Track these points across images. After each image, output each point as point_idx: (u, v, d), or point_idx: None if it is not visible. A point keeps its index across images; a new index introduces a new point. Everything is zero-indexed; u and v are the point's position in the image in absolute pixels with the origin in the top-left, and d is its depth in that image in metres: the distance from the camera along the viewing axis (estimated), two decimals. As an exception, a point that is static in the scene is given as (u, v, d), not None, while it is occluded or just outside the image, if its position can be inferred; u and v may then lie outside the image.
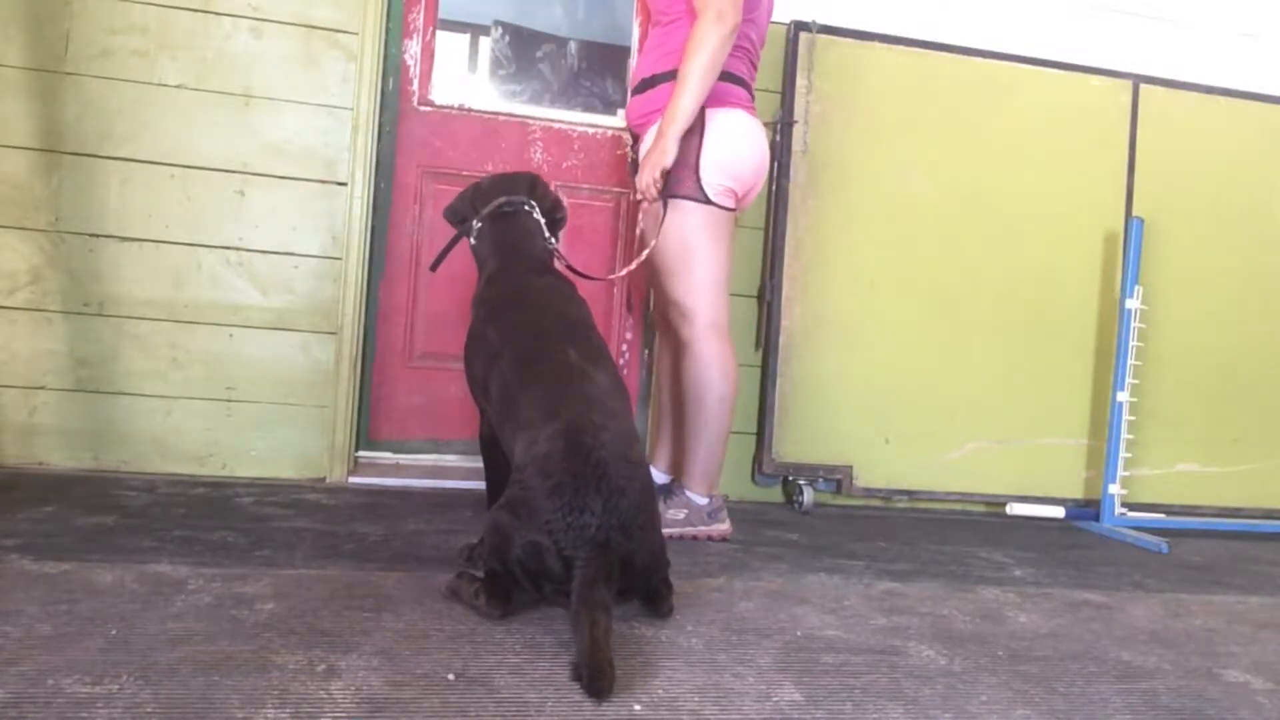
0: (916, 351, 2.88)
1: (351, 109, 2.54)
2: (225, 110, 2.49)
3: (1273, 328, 3.13)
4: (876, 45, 2.84)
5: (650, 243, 2.17)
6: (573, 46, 3.05)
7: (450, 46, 2.94)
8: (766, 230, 2.81)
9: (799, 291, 2.79)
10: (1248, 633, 1.79)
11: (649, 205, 2.19)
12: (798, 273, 2.79)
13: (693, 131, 2.11)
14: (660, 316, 2.40)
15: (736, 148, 2.16)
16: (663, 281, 2.18)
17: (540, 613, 1.52)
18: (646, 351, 2.96)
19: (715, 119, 2.14)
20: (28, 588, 1.47)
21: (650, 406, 2.90)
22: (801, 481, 2.74)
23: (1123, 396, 2.86)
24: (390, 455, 2.80)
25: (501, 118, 2.86)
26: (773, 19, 2.32)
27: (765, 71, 2.45)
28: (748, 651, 1.44)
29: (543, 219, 2.00)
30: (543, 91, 3.03)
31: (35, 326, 2.42)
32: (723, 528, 2.22)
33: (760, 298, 2.80)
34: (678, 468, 2.30)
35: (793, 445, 2.79)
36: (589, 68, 3.04)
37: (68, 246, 2.42)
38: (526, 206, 1.99)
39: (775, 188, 2.75)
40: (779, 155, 2.73)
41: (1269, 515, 3.06)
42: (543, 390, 1.59)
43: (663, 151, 2.06)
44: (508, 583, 1.48)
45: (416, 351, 2.82)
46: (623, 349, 2.38)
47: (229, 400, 2.51)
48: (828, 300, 2.82)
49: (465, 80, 3.00)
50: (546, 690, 1.22)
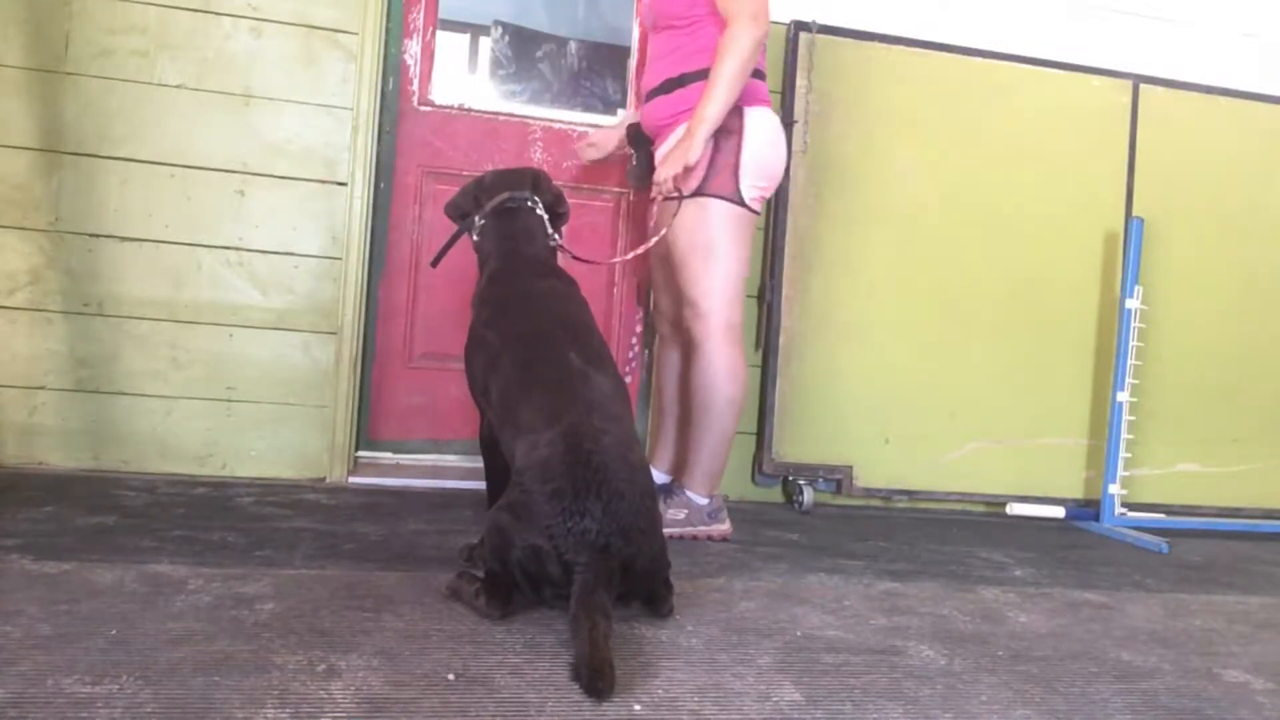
0: (917, 351, 2.88)
1: (351, 109, 2.54)
2: (225, 110, 2.48)
3: (1273, 328, 3.13)
4: (876, 45, 2.84)
5: (665, 238, 2.15)
6: (573, 46, 3.05)
7: (450, 46, 2.94)
8: (766, 230, 2.80)
9: (799, 291, 2.79)
10: (1248, 633, 1.79)
11: (664, 201, 2.17)
12: (798, 273, 2.79)
13: (731, 131, 2.10)
14: (666, 316, 2.39)
15: (774, 148, 2.17)
16: (681, 279, 2.16)
17: (540, 613, 1.52)
18: (647, 352, 2.96)
19: (752, 118, 2.13)
20: (28, 588, 1.47)
21: (650, 406, 2.90)
22: (801, 481, 2.74)
23: (1123, 396, 2.86)
24: (390, 455, 2.80)
25: (501, 118, 2.86)
26: (773, 19, 2.32)
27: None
28: (748, 651, 1.44)
29: (545, 215, 1.99)
30: (543, 91, 3.03)
31: (35, 326, 2.42)
32: (723, 528, 2.22)
33: (760, 298, 2.80)
34: (679, 468, 2.30)
35: (793, 445, 2.79)
36: (589, 68, 3.04)
37: (68, 246, 2.42)
38: (529, 202, 1.98)
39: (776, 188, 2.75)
40: (779, 155, 2.73)
41: (1269, 515, 3.06)
42: (543, 394, 1.59)
43: (690, 149, 2.03)
44: (508, 583, 1.48)
45: (416, 351, 2.82)
46: (632, 342, 2.37)
47: (229, 400, 2.51)
48: (828, 300, 2.82)
49: (465, 80, 3.00)
50: (546, 690, 1.22)
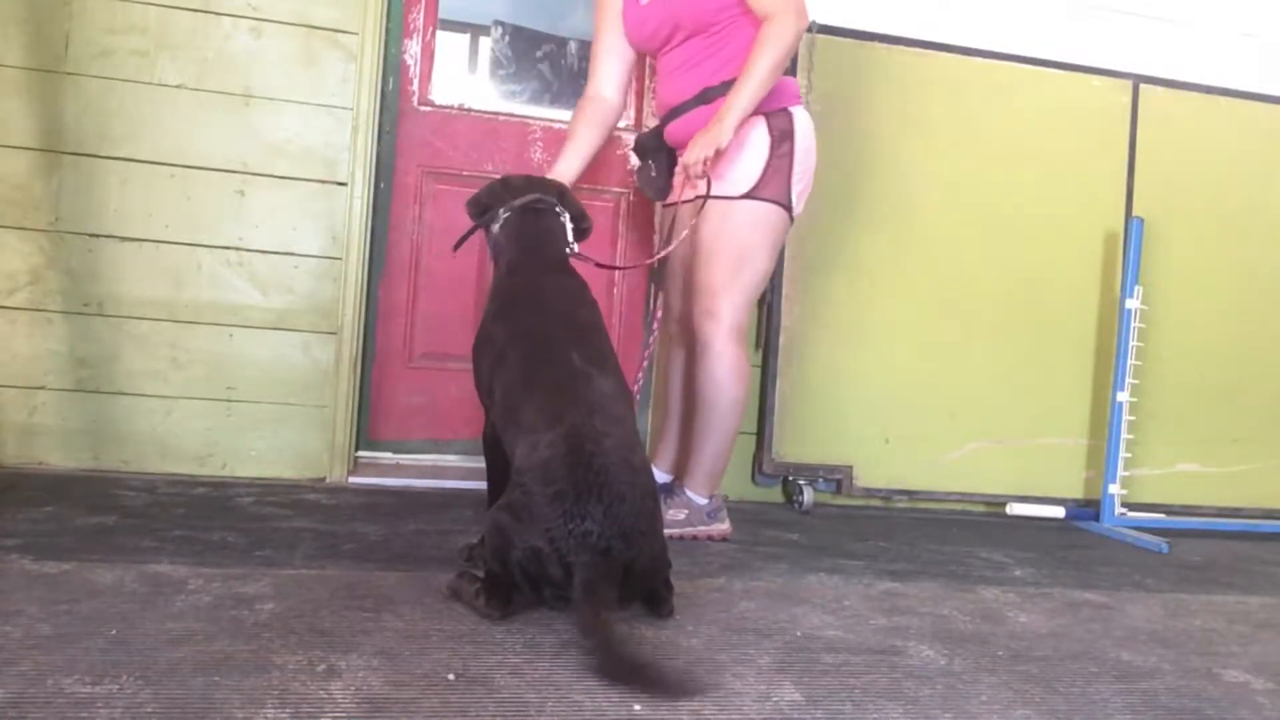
0: (917, 351, 2.88)
1: (351, 109, 2.54)
2: (225, 110, 2.48)
3: (1273, 328, 3.13)
4: (876, 45, 2.84)
5: (689, 237, 2.15)
6: (573, 46, 3.04)
7: (450, 46, 2.93)
8: (766, 230, 2.80)
9: (799, 291, 2.79)
10: (1248, 633, 1.79)
11: (685, 204, 2.17)
12: (798, 273, 2.79)
13: (786, 134, 2.10)
14: (675, 316, 2.38)
15: (814, 150, 2.17)
16: (705, 276, 2.13)
17: (540, 613, 1.52)
18: (646, 351, 2.96)
19: (800, 120, 2.14)
20: (28, 588, 1.47)
21: (651, 406, 2.90)
22: (801, 481, 2.74)
23: (1123, 396, 2.86)
24: (390, 455, 2.80)
25: (501, 118, 2.86)
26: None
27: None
28: (748, 651, 1.44)
29: (569, 224, 1.99)
30: (543, 91, 3.03)
31: (35, 326, 2.41)
32: (723, 528, 2.22)
33: (760, 298, 2.79)
34: (680, 468, 2.30)
35: (793, 445, 2.79)
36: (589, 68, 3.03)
37: (68, 246, 2.42)
38: (557, 209, 1.98)
39: (775, 188, 2.74)
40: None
41: (1269, 515, 3.06)
42: (546, 394, 1.59)
43: (721, 134, 2.00)
44: (508, 583, 1.48)
45: (416, 351, 2.82)
46: (648, 339, 2.36)
47: (229, 400, 2.51)
48: (828, 300, 2.82)
49: (465, 80, 3.00)
50: (546, 690, 1.22)
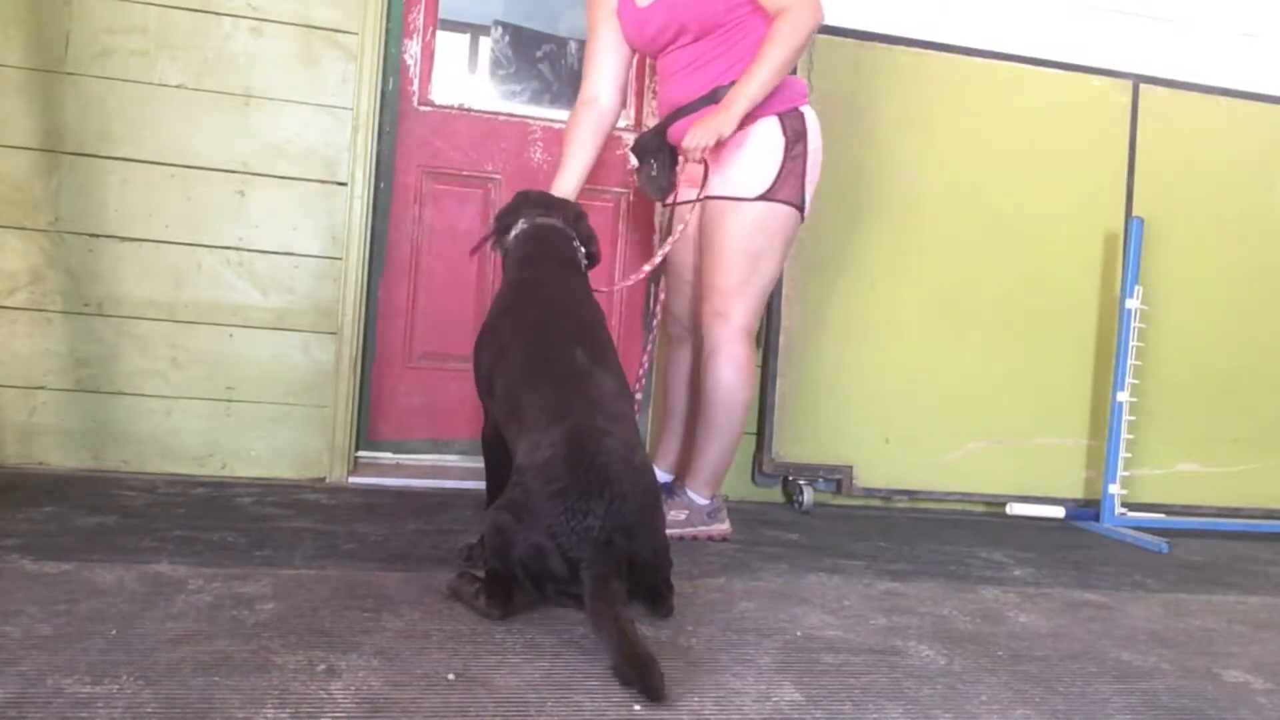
0: (917, 351, 2.88)
1: (351, 109, 2.54)
2: (225, 110, 2.48)
3: (1273, 328, 3.13)
4: (877, 45, 2.84)
5: (699, 240, 2.16)
6: (573, 46, 3.04)
7: (450, 46, 2.94)
8: (766, 230, 2.80)
9: (799, 291, 2.79)
10: (1248, 633, 1.79)
11: (685, 205, 2.19)
12: (798, 273, 2.79)
13: (800, 134, 2.10)
14: (677, 317, 2.37)
15: (822, 150, 2.17)
16: (717, 278, 2.12)
17: (540, 613, 1.52)
18: (647, 351, 2.96)
19: (811, 120, 2.14)
20: (28, 588, 1.47)
21: (652, 406, 2.90)
22: (801, 481, 2.74)
23: (1123, 396, 2.86)
24: (390, 455, 2.80)
25: (501, 118, 2.87)
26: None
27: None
28: (748, 651, 1.44)
29: (577, 238, 1.99)
30: (543, 91, 3.03)
31: (35, 326, 2.41)
32: (723, 528, 2.22)
33: (760, 298, 2.80)
34: (681, 468, 2.30)
35: (793, 445, 2.79)
36: (589, 68, 3.03)
37: (68, 246, 2.42)
38: (569, 231, 1.98)
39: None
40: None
41: (1269, 515, 3.06)
42: (548, 391, 1.59)
43: (726, 123, 1.99)
44: (508, 582, 1.48)
45: (416, 351, 2.82)
46: (648, 340, 2.36)
47: (229, 400, 2.51)
48: (828, 300, 2.82)
49: (465, 80, 3.00)
50: (546, 690, 1.22)
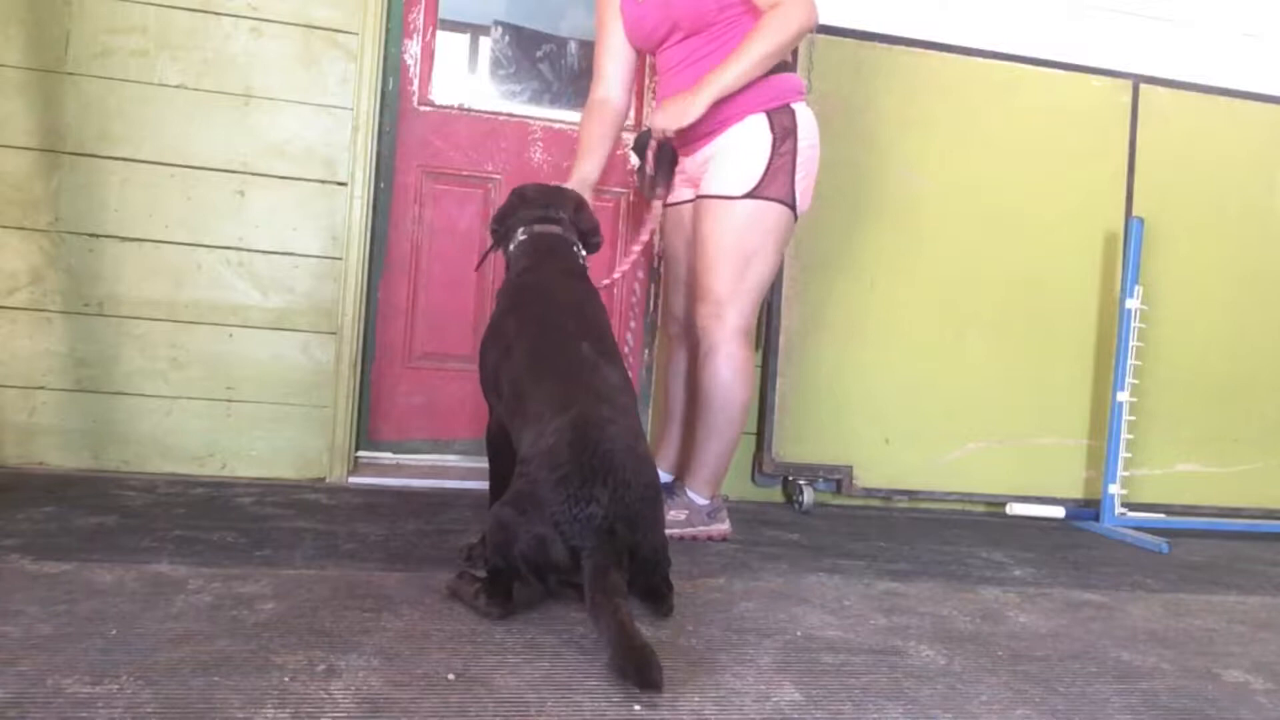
0: (917, 351, 2.88)
1: (351, 109, 2.54)
2: (225, 110, 2.48)
3: (1273, 328, 3.13)
4: (876, 45, 2.84)
5: (693, 240, 2.15)
6: (573, 46, 3.04)
7: (450, 46, 2.93)
8: (766, 230, 2.80)
9: (799, 291, 2.79)
10: (1248, 633, 1.79)
11: (681, 205, 2.20)
12: (798, 273, 2.79)
13: (789, 132, 2.08)
14: (676, 317, 2.38)
15: (818, 148, 2.16)
16: (710, 278, 2.12)
17: (540, 613, 1.52)
18: (647, 352, 2.96)
19: (802, 116, 2.11)
20: (28, 588, 1.47)
21: (651, 406, 2.90)
22: (801, 481, 2.74)
23: (1123, 396, 2.86)
24: (390, 455, 2.81)
25: (501, 118, 2.87)
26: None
27: (765, 71, 2.43)
28: (748, 651, 1.44)
29: (579, 245, 1.98)
30: (543, 91, 3.03)
31: (35, 326, 2.42)
32: (723, 528, 2.22)
33: (760, 298, 2.80)
34: (681, 468, 2.30)
35: (793, 445, 2.79)
36: (589, 68, 3.02)
37: (68, 246, 2.42)
38: (568, 237, 1.96)
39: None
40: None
41: (1269, 515, 3.06)
42: (554, 382, 1.60)
43: (691, 108, 1.99)
44: (509, 581, 1.48)
45: (416, 351, 2.82)
46: (631, 326, 2.37)
47: (229, 400, 2.51)
48: (828, 300, 2.82)
49: (465, 80, 3.00)
50: (546, 690, 1.22)
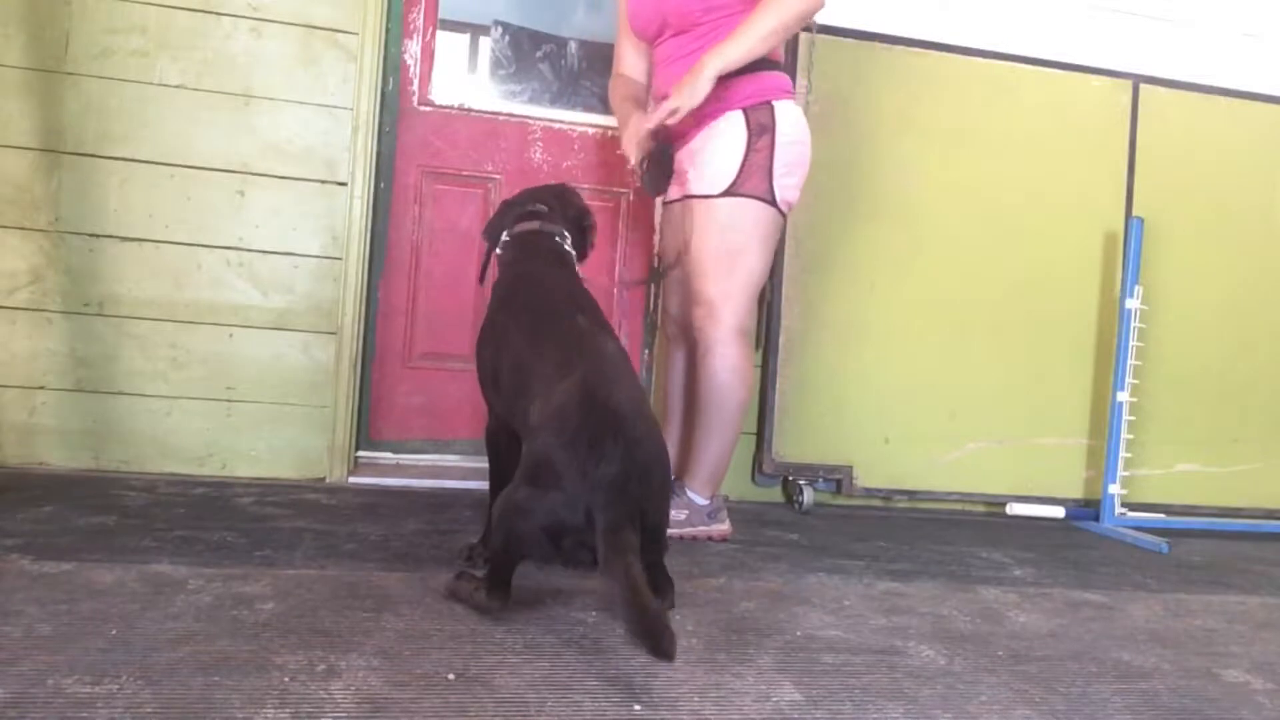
0: (916, 351, 2.88)
1: (351, 109, 2.54)
2: (225, 110, 2.48)
3: (1273, 328, 3.13)
4: (876, 45, 2.84)
5: (685, 239, 2.14)
6: (573, 46, 3.04)
7: (450, 46, 2.93)
8: (766, 230, 2.80)
9: (799, 291, 2.79)
10: (1248, 633, 1.79)
11: (675, 203, 2.19)
12: (798, 273, 2.79)
13: (766, 128, 2.07)
14: (674, 317, 2.38)
15: (804, 145, 2.14)
16: (700, 279, 2.12)
17: (540, 613, 1.52)
18: (646, 352, 2.96)
19: (783, 113, 2.09)
20: (28, 588, 1.47)
21: (651, 405, 2.89)
22: (801, 481, 2.74)
23: (1123, 396, 2.86)
24: (390, 455, 2.80)
25: (501, 118, 2.87)
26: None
27: (765, 71, 2.43)
28: (748, 651, 1.44)
29: (564, 232, 1.97)
30: (543, 91, 3.03)
31: (35, 326, 2.41)
32: (723, 528, 2.22)
33: (760, 298, 2.79)
34: (681, 468, 2.30)
35: (793, 445, 2.79)
36: (589, 68, 3.03)
37: (68, 246, 2.42)
38: (557, 236, 1.96)
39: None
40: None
41: (1269, 515, 3.06)
42: (555, 349, 1.62)
43: (695, 89, 1.97)
44: (509, 571, 1.49)
45: (416, 351, 2.82)
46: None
47: (229, 400, 2.51)
48: (828, 300, 2.82)
49: (465, 80, 3.00)
50: (546, 690, 1.22)
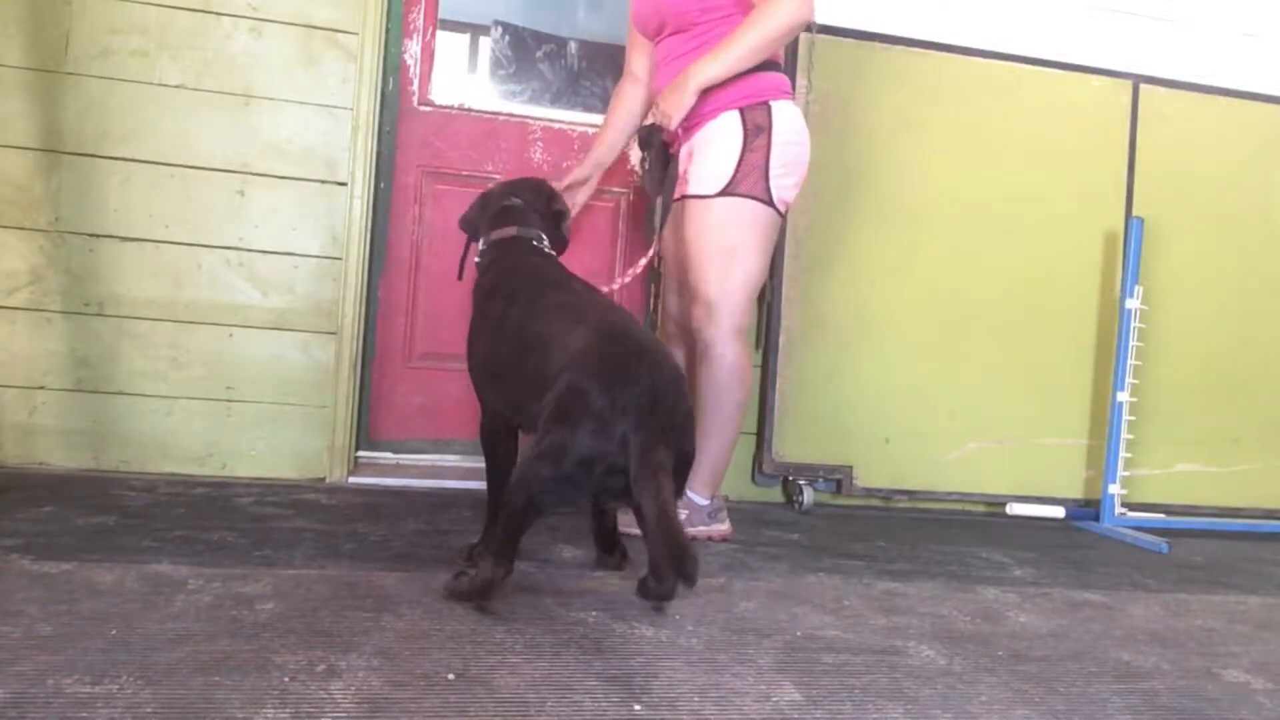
0: (917, 351, 2.88)
1: (351, 109, 2.54)
2: (225, 110, 2.48)
3: (1273, 328, 3.13)
4: (876, 45, 2.84)
5: (682, 238, 2.15)
6: (573, 46, 3.04)
7: (450, 46, 2.93)
8: (766, 230, 2.80)
9: (799, 291, 2.79)
10: (1248, 633, 1.79)
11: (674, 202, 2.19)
12: (798, 273, 2.79)
13: (762, 129, 2.07)
14: (673, 317, 2.38)
15: (801, 145, 2.15)
16: (697, 278, 2.13)
17: (540, 613, 1.52)
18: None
19: (779, 114, 2.10)
20: (28, 588, 1.47)
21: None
22: (801, 481, 2.74)
23: (1123, 396, 2.86)
24: (390, 455, 2.80)
25: (501, 118, 2.86)
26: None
27: (765, 71, 2.43)
28: (748, 651, 1.44)
29: (543, 229, 2.02)
30: (543, 91, 3.03)
31: (35, 326, 2.41)
32: (723, 528, 2.22)
33: (760, 298, 2.80)
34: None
35: (793, 445, 2.79)
36: (589, 68, 3.03)
37: (68, 246, 2.42)
38: (535, 240, 2.00)
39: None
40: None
41: (1269, 515, 3.06)
42: (562, 310, 1.65)
43: (681, 102, 2.01)
44: (520, 535, 1.50)
45: (416, 351, 2.82)
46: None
47: (229, 400, 2.51)
48: (828, 300, 2.82)
49: (465, 80, 3.00)
50: (546, 690, 1.22)
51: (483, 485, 1.90)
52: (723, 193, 2.08)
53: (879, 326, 2.86)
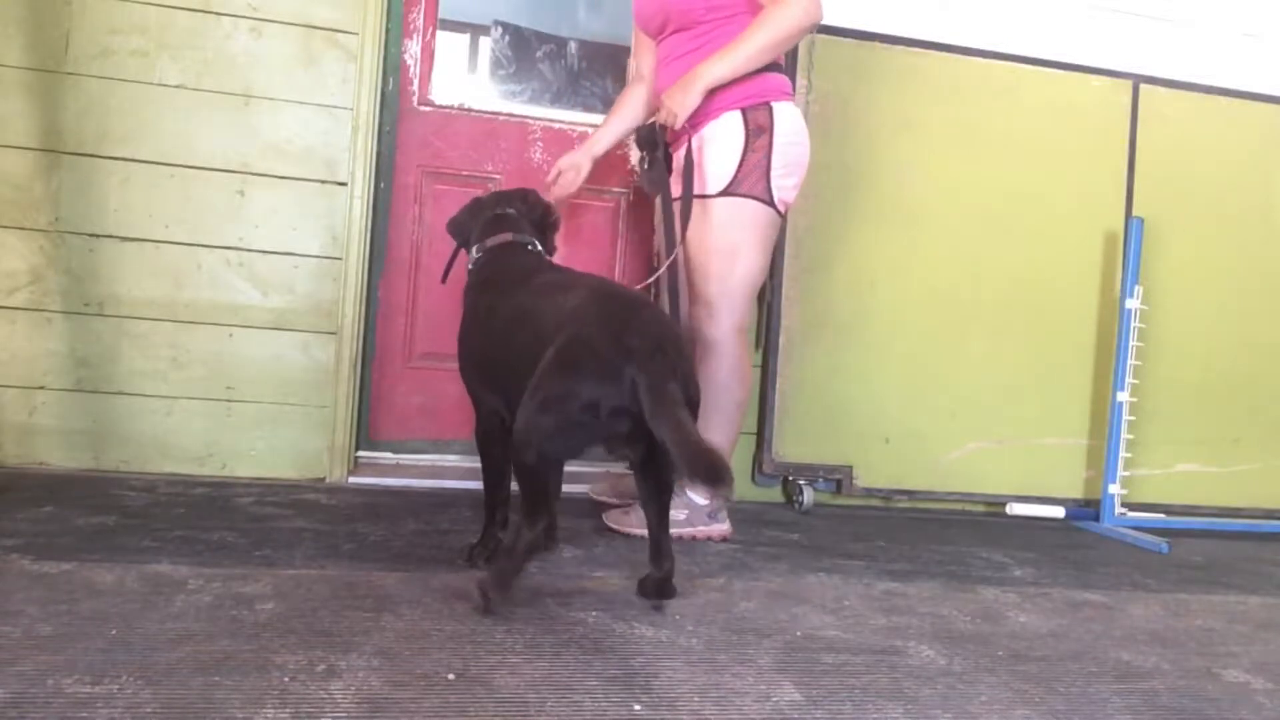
0: (917, 351, 2.88)
1: (351, 109, 2.54)
2: (225, 110, 2.48)
3: (1273, 327, 3.13)
4: (876, 45, 2.84)
5: (679, 243, 2.14)
6: (573, 46, 3.04)
7: (450, 46, 2.93)
8: (766, 230, 2.80)
9: (799, 291, 2.79)
10: (1248, 633, 1.79)
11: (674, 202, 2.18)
12: (798, 273, 2.79)
13: (763, 129, 2.07)
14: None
15: (802, 146, 2.15)
16: (698, 278, 2.13)
17: (540, 613, 1.53)
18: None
19: (780, 115, 2.10)
20: (28, 588, 1.47)
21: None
22: (801, 481, 2.74)
23: (1123, 396, 2.86)
24: (390, 455, 2.80)
25: (501, 118, 2.86)
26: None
27: (765, 71, 2.43)
28: (748, 651, 1.44)
29: (535, 238, 2.02)
30: (543, 91, 3.03)
31: (35, 326, 2.41)
32: (723, 528, 2.22)
33: (760, 297, 2.80)
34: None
35: (793, 445, 2.79)
36: (589, 68, 3.03)
37: (68, 246, 2.42)
38: (529, 245, 2.00)
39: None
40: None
41: (1269, 515, 3.06)
42: (550, 289, 1.67)
43: (685, 102, 2.01)
44: (545, 492, 1.51)
45: (416, 351, 2.82)
46: None
47: (229, 400, 2.51)
48: (828, 300, 2.82)
49: (465, 80, 3.00)
50: (546, 690, 1.22)
51: (482, 484, 1.90)
52: (724, 193, 2.09)
53: (879, 326, 2.86)
